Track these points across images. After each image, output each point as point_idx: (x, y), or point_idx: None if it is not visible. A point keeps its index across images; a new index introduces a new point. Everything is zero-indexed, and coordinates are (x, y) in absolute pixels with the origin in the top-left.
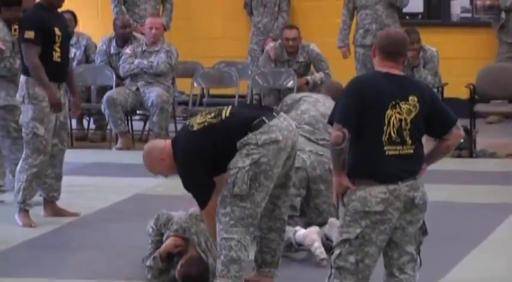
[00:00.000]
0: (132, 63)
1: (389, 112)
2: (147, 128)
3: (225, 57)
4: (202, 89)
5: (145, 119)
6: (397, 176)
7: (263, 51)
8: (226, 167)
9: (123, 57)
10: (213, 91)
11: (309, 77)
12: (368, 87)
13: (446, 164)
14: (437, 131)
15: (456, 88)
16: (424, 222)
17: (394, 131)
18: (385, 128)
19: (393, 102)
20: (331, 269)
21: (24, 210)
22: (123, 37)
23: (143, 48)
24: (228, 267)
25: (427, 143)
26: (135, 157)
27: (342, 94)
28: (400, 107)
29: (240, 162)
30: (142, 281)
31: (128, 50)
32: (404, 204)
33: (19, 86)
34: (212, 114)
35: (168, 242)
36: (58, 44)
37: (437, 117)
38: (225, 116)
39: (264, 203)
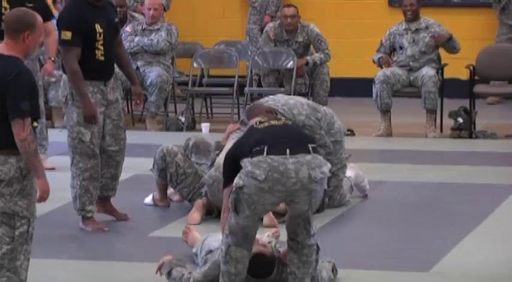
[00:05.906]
0: (132, 41)
1: None
2: None
3: (224, 37)
4: (202, 70)
5: (144, 98)
6: None
7: (261, 30)
8: None
9: (123, 35)
10: (212, 71)
11: (308, 57)
12: None
13: (445, 144)
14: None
15: (456, 69)
16: None
17: None
18: None
19: None
20: None
21: (86, 217)
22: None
23: (143, 27)
24: (222, 278)
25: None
26: (135, 137)
27: None
28: None
29: (236, 179)
30: (142, 262)
31: (128, 28)
32: None
33: (61, 84)
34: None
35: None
36: (101, 42)
37: (9, 102)
38: (268, 125)
39: (249, 226)
